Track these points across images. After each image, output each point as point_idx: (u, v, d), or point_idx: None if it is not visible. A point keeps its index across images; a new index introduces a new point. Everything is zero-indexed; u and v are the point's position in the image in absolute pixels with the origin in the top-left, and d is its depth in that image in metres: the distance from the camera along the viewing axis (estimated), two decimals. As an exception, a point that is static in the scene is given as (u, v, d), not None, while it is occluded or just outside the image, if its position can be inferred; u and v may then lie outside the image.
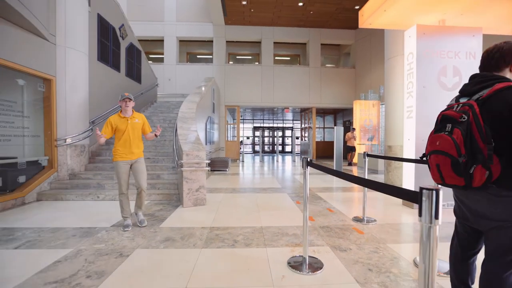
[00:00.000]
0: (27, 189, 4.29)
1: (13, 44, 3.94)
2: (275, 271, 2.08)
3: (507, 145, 1.22)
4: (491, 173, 1.23)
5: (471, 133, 1.26)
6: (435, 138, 1.43)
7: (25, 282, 1.88)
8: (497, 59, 1.39)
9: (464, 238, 1.52)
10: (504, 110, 1.23)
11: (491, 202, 1.30)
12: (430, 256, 0.76)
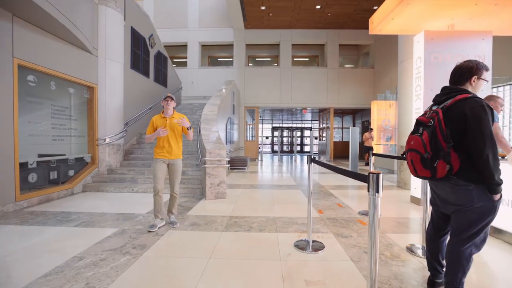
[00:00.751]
0: (75, 182, 5.02)
1: (66, 59, 4.66)
2: (283, 250, 2.49)
3: (462, 144, 1.54)
4: (451, 167, 1.56)
5: (436, 134, 1.60)
6: (410, 138, 1.77)
7: (88, 249, 2.44)
8: (459, 76, 1.71)
9: (436, 222, 1.84)
10: (460, 117, 1.55)
11: (452, 190, 1.62)
12: (375, 216, 1.14)
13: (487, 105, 1.54)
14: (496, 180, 1.48)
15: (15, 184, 3.74)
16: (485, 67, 1.71)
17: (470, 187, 1.55)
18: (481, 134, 1.48)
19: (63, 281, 1.89)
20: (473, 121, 1.51)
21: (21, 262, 2.19)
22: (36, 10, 3.61)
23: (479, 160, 1.49)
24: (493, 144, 1.48)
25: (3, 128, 3.57)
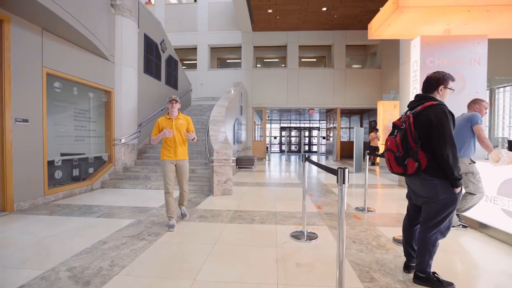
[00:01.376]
0: (94, 178, 5.47)
1: (87, 66, 5.10)
2: (280, 239, 2.78)
3: (428, 145, 1.80)
4: (420, 164, 1.82)
5: (406, 136, 1.86)
6: (387, 140, 2.03)
7: (110, 235, 2.81)
8: (428, 85, 1.96)
9: (411, 213, 2.09)
10: (426, 121, 1.80)
11: (421, 184, 1.88)
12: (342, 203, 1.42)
13: (448, 112, 1.79)
14: (455, 176, 1.72)
15: (44, 180, 4.19)
16: (450, 77, 1.96)
17: (435, 181, 1.81)
18: (442, 136, 1.73)
19: (92, 259, 2.25)
20: (436, 125, 1.76)
21: (56, 244, 2.58)
22: (63, 24, 4.04)
23: (441, 159, 1.74)
24: (453, 145, 1.73)
25: (35, 130, 4.01)
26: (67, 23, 4.04)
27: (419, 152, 1.81)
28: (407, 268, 2.07)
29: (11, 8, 3.54)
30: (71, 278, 1.94)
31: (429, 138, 1.79)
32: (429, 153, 1.81)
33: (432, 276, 1.87)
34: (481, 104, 2.99)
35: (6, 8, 3.50)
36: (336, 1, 10.60)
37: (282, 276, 2.02)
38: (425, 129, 1.81)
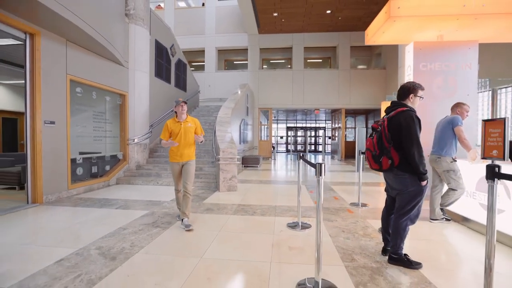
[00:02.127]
0: (110, 175, 5.93)
1: (104, 72, 5.56)
2: (277, 228, 3.13)
3: (400, 145, 2.11)
4: (393, 161, 2.14)
5: (381, 137, 2.18)
6: (367, 140, 2.36)
7: (128, 223, 3.22)
8: (400, 93, 2.27)
9: (388, 204, 2.41)
10: (397, 125, 2.12)
11: (394, 178, 2.20)
12: (320, 192, 1.76)
13: (416, 117, 2.10)
14: (421, 171, 2.04)
15: (67, 176, 4.66)
16: (420, 87, 2.26)
17: (406, 176, 2.12)
18: (410, 138, 2.05)
19: (115, 241, 2.66)
20: (405, 128, 2.07)
21: (84, 229, 3.00)
22: (84, 35, 4.48)
23: (409, 157, 2.06)
24: (418, 145, 2.04)
25: (60, 131, 4.48)
26: (87, 34, 4.48)
27: (392, 151, 2.13)
28: (384, 252, 2.38)
29: (41, 23, 4.00)
30: (100, 254, 2.35)
31: (400, 139, 2.11)
32: (400, 152, 2.13)
33: (403, 257, 2.18)
34: (463, 108, 3.25)
35: (37, 23, 3.96)
36: (340, 3, 10.84)
37: (276, 256, 2.37)
38: (396, 132, 2.13)
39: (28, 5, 3.48)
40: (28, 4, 3.46)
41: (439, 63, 4.54)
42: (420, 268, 2.13)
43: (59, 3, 3.73)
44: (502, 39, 4.64)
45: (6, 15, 3.59)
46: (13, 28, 3.80)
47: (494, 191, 1.59)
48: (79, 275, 1.98)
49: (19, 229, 3.02)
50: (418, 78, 4.57)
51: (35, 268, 2.07)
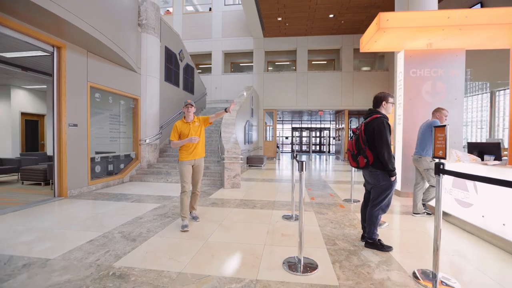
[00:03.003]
0: (124, 173, 6.45)
1: (119, 78, 6.08)
2: (273, 219, 3.54)
3: (373, 146, 2.50)
4: (368, 160, 2.53)
5: (358, 139, 2.58)
6: (348, 142, 2.74)
7: (144, 214, 3.69)
8: (374, 102, 2.65)
9: (366, 197, 2.79)
10: (371, 129, 2.50)
11: (369, 174, 2.59)
12: (301, 185, 2.17)
13: (387, 123, 2.48)
14: (390, 168, 2.42)
15: (87, 173, 5.18)
16: (389, 95, 2.63)
17: (378, 172, 2.51)
18: (380, 140, 2.43)
19: (134, 227, 3.12)
20: (377, 132, 2.45)
21: (106, 218, 3.48)
22: (102, 46, 4.99)
23: (380, 156, 2.44)
24: (388, 147, 2.42)
25: (81, 132, 5.00)
26: (106, 46, 4.98)
27: (367, 151, 2.52)
28: (363, 238, 2.77)
29: (66, 37, 4.51)
30: (122, 237, 2.81)
31: (372, 141, 2.50)
32: (374, 152, 2.51)
33: (377, 241, 2.57)
34: (441, 112, 3.60)
35: (63, 37, 4.48)
36: (342, 8, 11.15)
37: (269, 240, 2.78)
38: (371, 135, 2.51)
39: (55, 22, 3.98)
40: (56, 21, 3.96)
41: (428, 69, 4.86)
42: (390, 251, 2.51)
43: (82, 20, 4.23)
44: (488, 46, 4.91)
45: (36, 30, 4.11)
46: (42, 42, 4.32)
47: (440, 183, 1.98)
48: (107, 251, 2.44)
49: (52, 217, 3.52)
50: (408, 84, 4.91)
51: (72, 246, 2.54)
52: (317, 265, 2.23)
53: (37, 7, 3.48)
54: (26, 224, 3.20)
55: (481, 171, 2.86)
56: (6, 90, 7.69)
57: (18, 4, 3.42)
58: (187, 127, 3.32)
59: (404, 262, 2.30)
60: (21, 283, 1.89)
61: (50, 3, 3.60)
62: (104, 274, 2.03)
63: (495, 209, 2.69)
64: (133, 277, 2.00)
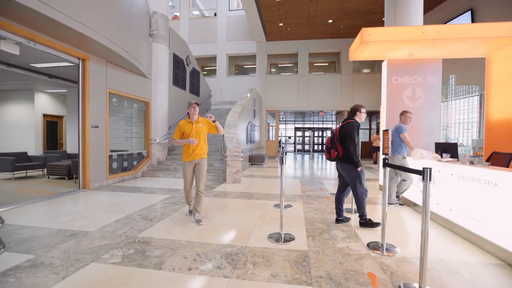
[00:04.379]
0: (137, 169, 7.16)
1: (133, 84, 6.78)
2: (266, 207, 4.17)
3: (343, 143, 3.09)
4: (338, 153, 3.14)
5: (333, 137, 3.18)
6: (326, 139, 3.34)
7: (157, 202, 4.36)
8: (351, 112, 3.24)
9: (339, 186, 3.39)
10: (344, 131, 3.10)
11: (341, 169, 3.20)
12: (282, 178, 2.80)
13: (356, 126, 3.07)
14: (354, 160, 3.01)
15: (106, 169, 5.89)
16: (362, 106, 3.22)
17: (347, 166, 3.11)
18: (349, 138, 3.02)
19: (150, 211, 3.79)
20: (348, 132, 3.05)
21: (125, 205, 4.16)
22: (119, 57, 5.68)
23: (348, 151, 3.04)
24: (354, 144, 3.02)
25: (101, 133, 5.71)
26: (122, 56, 5.67)
27: (338, 146, 3.13)
28: (337, 221, 3.36)
29: (90, 50, 5.21)
30: (141, 218, 3.48)
31: (343, 139, 3.10)
32: (343, 148, 3.12)
33: (368, 220, 3.16)
34: (406, 115, 4.18)
35: (87, 51, 5.19)
36: (341, 14, 11.69)
37: (260, 222, 3.42)
38: (343, 134, 3.12)
39: (81, 38, 4.66)
40: (82, 38, 4.65)
41: (408, 77, 5.42)
42: (378, 226, 3.09)
43: (103, 36, 4.91)
44: (464, 55, 5.43)
45: (65, 45, 4.82)
46: (69, 55, 5.03)
47: (386, 175, 2.58)
48: (131, 227, 3.11)
49: (81, 204, 4.22)
50: (391, 90, 5.47)
51: (103, 223, 3.22)
52: (294, 238, 2.85)
53: (67, 27, 4.16)
54: (62, 209, 3.91)
55: (434, 165, 3.44)
56: (30, 94, 8.49)
57: (52, 24, 4.10)
58: (190, 127, 3.40)
59: (364, 237, 2.90)
60: (73, 245, 2.57)
61: (78, 24, 4.28)
62: (132, 241, 2.69)
63: (445, 197, 3.26)
64: (153, 242, 2.66)
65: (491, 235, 2.52)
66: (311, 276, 2.06)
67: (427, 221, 1.82)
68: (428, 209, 1.81)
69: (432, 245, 2.68)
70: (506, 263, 2.32)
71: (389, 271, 2.16)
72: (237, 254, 2.46)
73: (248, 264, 2.25)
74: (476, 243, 2.70)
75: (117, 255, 2.38)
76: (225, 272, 2.11)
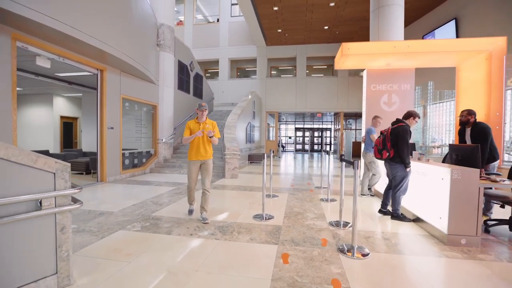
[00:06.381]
0: (146, 166, 7.99)
1: (142, 90, 7.60)
2: (257, 197, 4.93)
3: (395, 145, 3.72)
4: (389, 154, 3.79)
5: (385, 139, 3.81)
6: (376, 140, 3.98)
7: (165, 192, 5.16)
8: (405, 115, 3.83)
9: (388, 184, 4.01)
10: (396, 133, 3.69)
11: (389, 167, 3.78)
12: (264, 173, 3.56)
13: (408, 130, 3.61)
14: (406, 161, 3.51)
15: (120, 165, 6.72)
16: (417, 115, 3.74)
17: (397, 166, 3.62)
18: (403, 141, 3.53)
19: (159, 199, 4.59)
20: (401, 135, 3.55)
21: (138, 194, 4.96)
22: (131, 67, 6.49)
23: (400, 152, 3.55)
24: (407, 147, 3.54)
25: (116, 134, 6.54)
26: (134, 67, 6.49)
27: (390, 147, 3.69)
28: (380, 211, 3.91)
29: (107, 62, 6.03)
30: (153, 203, 4.27)
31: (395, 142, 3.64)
32: (395, 149, 3.70)
33: (400, 215, 3.67)
34: (376, 120, 4.91)
35: (104, 62, 6.01)
36: (336, 21, 12.38)
37: (249, 207, 4.19)
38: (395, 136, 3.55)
39: (101, 53, 5.47)
40: (101, 53, 5.46)
41: (385, 84, 6.13)
42: (409, 221, 3.60)
43: (118, 50, 5.72)
44: (436, 65, 6.11)
45: (87, 59, 5.64)
46: (90, 67, 5.85)
47: (343, 168, 3.32)
48: (145, 209, 3.91)
49: (102, 193, 5.05)
50: (370, 96, 6.18)
51: (123, 206, 4.03)
52: (273, 217, 3.62)
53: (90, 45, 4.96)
54: (87, 196, 4.73)
55: (395, 162, 4.16)
56: (49, 98, 9.38)
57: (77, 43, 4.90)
58: (198, 127, 3.55)
59: (330, 218, 3.66)
60: (103, 220, 3.37)
61: (98, 42, 5.09)
62: (147, 218, 3.49)
63: (400, 187, 3.98)
64: (163, 219, 3.45)
65: (423, 214, 3.25)
66: (279, 240, 2.83)
67: (356, 201, 2.57)
68: (357, 191, 2.55)
69: (381, 221, 3.42)
70: (430, 234, 3.05)
71: (337, 238, 2.91)
72: (227, 227, 3.23)
73: (234, 233, 3.02)
74: (417, 222, 3.44)
75: (137, 226, 3.18)
76: (216, 237, 2.88)
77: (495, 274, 2.18)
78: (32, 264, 1.69)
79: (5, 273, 1.57)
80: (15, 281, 1.61)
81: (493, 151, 3.43)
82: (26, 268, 1.66)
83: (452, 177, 2.69)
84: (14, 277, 1.61)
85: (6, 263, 1.58)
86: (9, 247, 1.58)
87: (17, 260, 1.62)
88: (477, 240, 2.70)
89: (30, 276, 1.68)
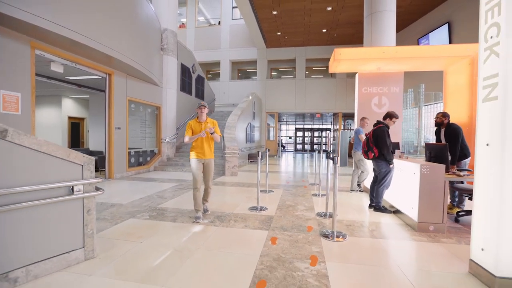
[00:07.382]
0: (150, 164, 8.41)
1: (147, 92, 8.02)
2: (254, 192, 5.32)
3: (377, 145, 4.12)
4: (374, 154, 4.17)
5: (368, 140, 4.22)
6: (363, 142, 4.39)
7: (168, 188, 5.57)
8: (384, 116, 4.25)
9: (374, 179, 4.39)
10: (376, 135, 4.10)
11: (375, 164, 4.19)
12: (259, 168, 3.96)
13: (386, 131, 4.04)
14: (388, 159, 3.93)
15: (126, 163, 7.14)
16: (396, 116, 4.19)
17: (382, 163, 4.01)
18: (382, 141, 3.97)
19: (164, 193, 5.00)
20: (380, 136, 4.01)
21: (145, 189, 5.37)
22: (137, 71, 6.91)
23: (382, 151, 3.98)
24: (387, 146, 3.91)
25: (123, 133, 6.96)
26: (139, 70, 6.91)
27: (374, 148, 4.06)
28: (370, 206, 4.34)
29: (114, 66, 6.46)
30: (158, 197, 4.68)
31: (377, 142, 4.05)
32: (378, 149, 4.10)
33: (382, 207, 4.09)
34: (364, 121, 5.29)
35: (112, 67, 6.43)
36: (333, 24, 12.75)
37: (246, 200, 4.58)
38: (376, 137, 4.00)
39: (109, 59, 5.90)
40: (109, 59, 5.88)
41: (375, 87, 6.50)
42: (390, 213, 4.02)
43: (125, 55, 6.14)
44: (425, 69, 6.47)
45: (96, 64, 6.06)
46: (99, 71, 6.28)
47: (330, 164, 3.71)
48: (152, 201, 4.32)
49: (110, 188, 5.46)
50: (361, 98, 6.56)
51: (131, 199, 4.44)
52: (267, 209, 4.01)
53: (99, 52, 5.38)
54: (97, 191, 5.14)
55: (379, 160, 4.55)
56: (58, 99, 9.83)
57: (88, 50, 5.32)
58: (199, 126, 3.58)
59: (318, 209, 4.05)
60: (115, 210, 3.78)
61: (107, 49, 5.50)
62: (154, 208, 3.90)
63: (383, 183, 4.36)
64: (168, 210, 3.86)
65: (401, 206, 3.64)
66: (270, 227, 3.22)
67: (335, 192, 2.96)
68: (336, 184, 2.95)
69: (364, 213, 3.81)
70: (405, 223, 3.44)
71: (322, 225, 3.30)
72: (225, 216, 3.64)
73: (231, 221, 3.42)
74: (397, 213, 3.82)
75: (146, 215, 3.59)
76: (215, 224, 3.29)
77: (452, 253, 2.56)
78: (66, 238, 2.10)
79: (48, 244, 1.98)
80: (55, 250, 2.02)
81: (464, 149, 3.81)
82: (62, 241, 2.07)
83: (422, 172, 3.07)
84: (53, 248, 2.02)
85: (50, 236, 1.99)
86: (52, 224, 2.00)
87: (57, 234, 2.03)
88: (443, 227, 3.08)
89: (66, 247, 2.09)
